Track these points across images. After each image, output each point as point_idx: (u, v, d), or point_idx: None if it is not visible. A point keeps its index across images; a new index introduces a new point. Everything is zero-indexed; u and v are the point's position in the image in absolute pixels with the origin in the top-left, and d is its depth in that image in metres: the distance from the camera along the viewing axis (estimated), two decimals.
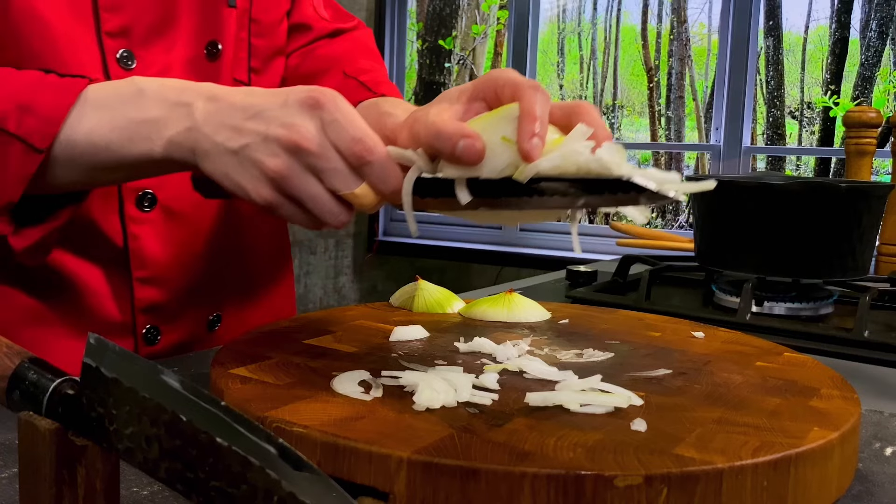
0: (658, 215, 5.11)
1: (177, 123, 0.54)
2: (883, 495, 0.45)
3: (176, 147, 0.54)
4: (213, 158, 0.52)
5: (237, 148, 0.52)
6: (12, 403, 0.36)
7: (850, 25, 4.49)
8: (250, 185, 0.52)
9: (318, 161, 0.50)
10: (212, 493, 0.28)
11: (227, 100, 0.53)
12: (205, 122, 0.53)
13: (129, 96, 0.55)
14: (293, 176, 0.51)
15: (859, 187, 0.91)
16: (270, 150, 0.51)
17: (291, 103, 0.51)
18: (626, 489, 0.37)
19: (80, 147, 0.55)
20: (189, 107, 0.54)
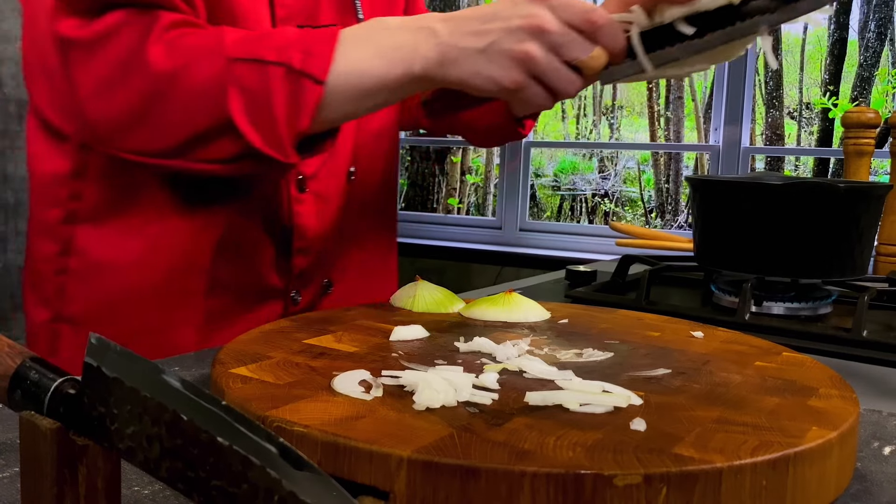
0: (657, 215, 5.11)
1: (425, 43, 0.64)
2: (881, 494, 0.45)
3: (429, 62, 0.64)
4: (463, 62, 0.64)
5: (484, 46, 0.63)
6: (14, 403, 0.36)
7: (849, 27, 4.49)
8: (502, 73, 0.63)
9: (558, 37, 0.62)
10: (213, 493, 0.28)
11: (460, 15, 0.65)
12: (449, 35, 0.64)
13: (377, 30, 0.67)
14: (538, 55, 0.62)
15: (858, 187, 0.91)
16: (516, 38, 0.62)
17: (519, 1, 0.63)
18: (626, 488, 0.37)
19: (350, 76, 0.65)
20: (430, 29, 0.65)
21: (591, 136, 5.20)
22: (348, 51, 0.65)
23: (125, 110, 0.66)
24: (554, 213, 5.30)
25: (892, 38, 4.30)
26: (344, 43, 0.65)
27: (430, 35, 0.65)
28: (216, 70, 0.64)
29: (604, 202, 5.22)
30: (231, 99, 0.64)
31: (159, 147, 0.67)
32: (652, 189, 5.20)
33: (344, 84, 0.65)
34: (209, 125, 0.65)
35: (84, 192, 0.76)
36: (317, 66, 0.64)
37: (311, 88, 0.64)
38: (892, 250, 1.24)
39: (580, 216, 5.28)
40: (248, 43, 0.65)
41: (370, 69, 0.65)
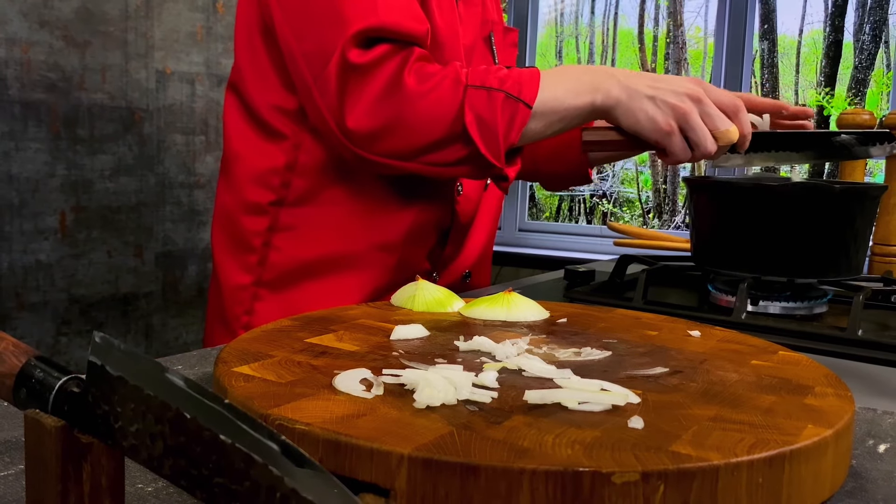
0: (655, 216, 5.11)
1: (608, 82, 0.84)
2: (876, 491, 0.45)
3: (609, 97, 0.84)
4: (634, 100, 0.83)
5: (654, 94, 0.83)
6: (19, 401, 0.36)
7: (844, 29, 4.49)
8: (660, 116, 0.83)
9: (709, 108, 0.84)
10: (215, 490, 0.28)
11: (635, 73, 0.86)
12: (628, 81, 0.84)
13: (568, 72, 0.87)
14: (691, 114, 0.83)
15: (853, 188, 0.91)
16: (679, 98, 0.83)
17: (683, 78, 0.84)
18: (624, 485, 0.37)
19: (549, 103, 0.84)
20: (610, 74, 0.85)
21: None
22: (548, 84, 0.84)
23: (385, 120, 0.84)
24: (553, 214, 5.30)
25: (886, 41, 4.30)
26: (544, 79, 0.84)
27: (612, 78, 0.84)
28: (456, 94, 0.83)
29: (602, 203, 5.22)
30: (467, 114, 0.83)
31: (403, 151, 0.85)
32: (649, 190, 5.20)
33: (544, 109, 0.84)
34: (448, 134, 0.84)
35: (293, 182, 0.95)
36: (528, 94, 0.83)
37: (522, 111, 0.83)
38: (887, 250, 1.24)
39: (578, 217, 5.28)
40: (477, 75, 0.85)
41: (564, 99, 0.84)
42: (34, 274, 1.86)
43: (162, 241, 2.10)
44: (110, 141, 1.98)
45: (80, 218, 1.94)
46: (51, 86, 1.87)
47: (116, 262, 2.02)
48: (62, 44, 1.88)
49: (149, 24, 2.03)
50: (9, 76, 1.80)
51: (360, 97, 0.83)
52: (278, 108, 0.94)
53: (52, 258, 1.89)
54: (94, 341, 0.33)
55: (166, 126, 2.06)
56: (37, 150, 1.85)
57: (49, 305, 1.89)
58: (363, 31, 0.82)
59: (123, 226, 2.02)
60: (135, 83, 2.02)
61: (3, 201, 1.81)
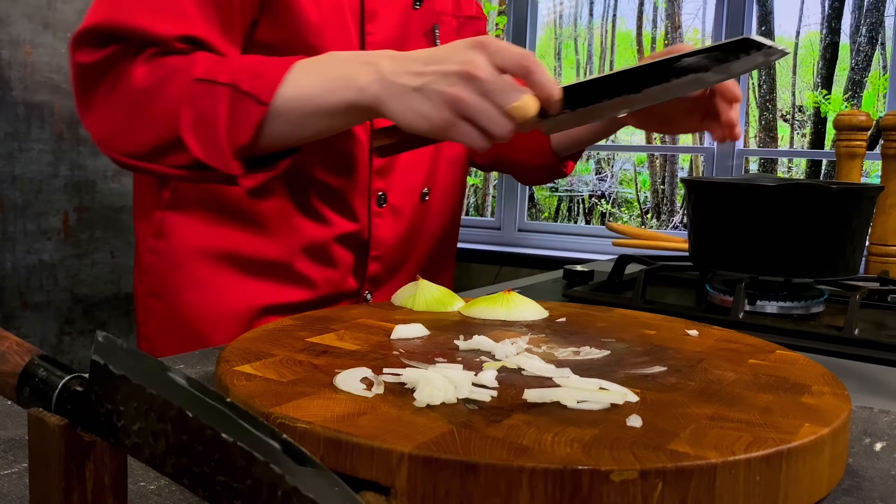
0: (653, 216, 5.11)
1: (366, 75, 0.68)
2: (872, 489, 0.45)
3: (365, 94, 0.68)
4: (398, 98, 0.66)
5: (419, 85, 0.66)
6: (22, 400, 0.36)
7: (841, 31, 4.49)
8: (432, 111, 0.65)
9: (488, 84, 0.64)
10: (217, 488, 0.28)
11: (407, 55, 0.68)
12: (390, 72, 0.67)
13: (327, 61, 0.71)
14: (468, 98, 0.64)
15: (850, 189, 0.91)
16: (449, 81, 0.65)
17: (461, 46, 0.66)
18: (622, 483, 0.37)
19: (292, 101, 0.70)
20: (375, 63, 0.68)
21: None
22: (296, 78, 0.70)
23: (114, 120, 0.75)
24: (552, 214, 5.30)
25: (882, 43, 4.30)
26: (294, 70, 0.71)
27: (372, 69, 0.68)
28: (180, 89, 0.72)
29: (601, 203, 5.22)
30: (183, 115, 0.71)
31: (136, 151, 0.75)
32: (648, 190, 5.20)
33: (286, 107, 0.70)
34: (166, 137, 0.72)
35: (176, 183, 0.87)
36: (263, 88, 0.70)
37: (253, 108, 0.69)
38: (883, 250, 1.24)
39: (577, 217, 5.28)
40: (213, 66, 0.72)
41: (312, 95, 0.70)
42: (37, 274, 1.86)
43: None
44: None
45: (83, 218, 1.94)
46: (54, 87, 1.87)
47: (119, 261, 2.02)
48: (65, 45, 1.88)
49: None
50: (12, 77, 1.80)
51: (92, 97, 0.76)
52: None
53: (55, 258, 1.89)
54: (96, 340, 0.33)
55: None
56: (40, 151, 1.86)
57: (52, 305, 1.89)
58: (90, 29, 0.74)
59: (126, 226, 2.02)
60: None
61: (7, 201, 1.81)
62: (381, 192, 0.91)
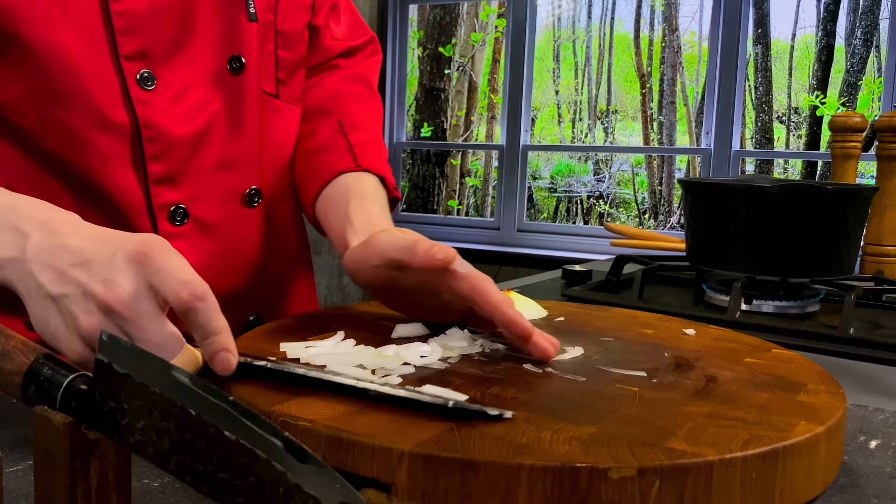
0: (651, 216, 5.11)
1: (6, 249, 0.50)
2: (867, 486, 0.45)
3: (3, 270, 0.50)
4: (34, 298, 0.48)
5: (57, 294, 0.48)
6: (27, 398, 0.36)
7: (836, 33, 4.49)
8: (65, 340, 0.48)
9: (128, 326, 0.46)
10: (220, 485, 0.28)
11: (63, 238, 0.49)
12: (34, 257, 0.49)
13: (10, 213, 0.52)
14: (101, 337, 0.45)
15: (845, 190, 0.91)
16: (86, 306, 0.47)
17: (119, 255, 0.47)
18: (620, 481, 0.37)
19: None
20: (24, 235, 0.50)
21: (587, 139, 5.20)
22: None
23: None
24: (550, 215, 5.30)
25: (877, 45, 4.30)
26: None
27: (16, 244, 0.50)
28: None
29: (599, 204, 5.22)
30: None
31: None
32: (645, 191, 5.20)
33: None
34: None
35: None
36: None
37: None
38: (878, 250, 1.24)
39: (576, 217, 5.28)
40: None
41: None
42: None
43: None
44: None
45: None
46: None
47: None
48: None
49: None
50: None
51: None
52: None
53: None
54: (101, 340, 0.33)
55: None
56: None
57: None
58: None
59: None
60: None
61: None
62: (173, 205, 0.68)
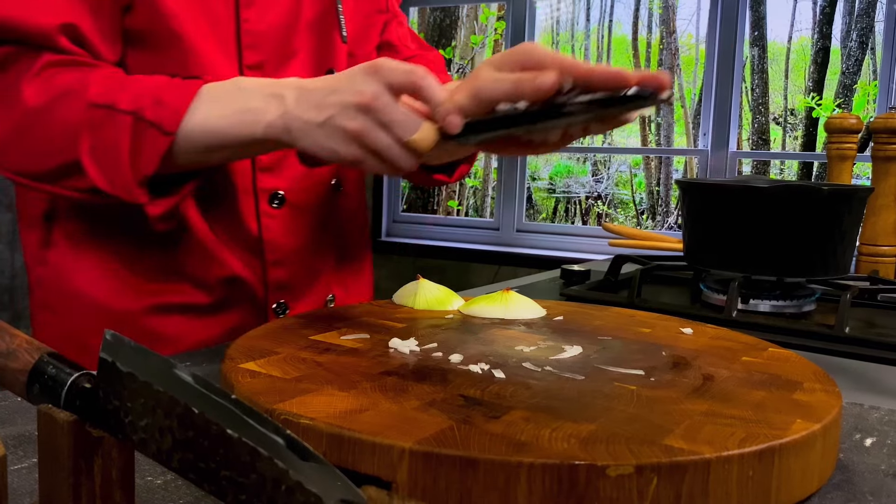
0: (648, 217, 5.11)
1: (273, 110, 0.64)
2: (863, 484, 0.45)
3: (273, 129, 0.64)
4: (306, 134, 0.63)
5: (323, 120, 0.62)
6: (32, 397, 0.36)
7: (832, 36, 4.49)
8: (340, 148, 0.62)
9: (383, 115, 0.60)
10: (222, 482, 0.28)
11: (310, 85, 0.64)
12: (295, 106, 0.63)
13: (232, 91, 0.67)
14: (368, 132, 0.61)
15: (841, 190, 0.91)
16: (349, 115, 0.61)
17: (357, 73, 0.62)
18: (618, 478, 0.37)
19: (197, 132, 0.66)
20: (281, 97, 0.64)
21: (585, 140, 5.21)
22: (201, 107, 0.66)
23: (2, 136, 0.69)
24: (549, 215, 5.30)
25: (873, 48, 4.30)
26: (200, 98, 0.66)
27: (279, 104, 0.64)
28: (75, 113, 0.66)
29: (597, 204, 5.22)
30: (82, 142, 0.66)
31: (31, 172, 0.69)
32: (643, 191, 5.20)
33: (191, 137, 0.66)
34: (63, 162, 0.67)
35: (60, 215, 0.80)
36: (167, 118, 0.65)
37: (157, 138, 0.65)
38: (873, 250, 1.24)
39: (574, 217, 5.28)
40: (110, 89, 0.67)
41: (217, 128, 0.66)
42: None
43: None
44: None
45: None
46: None
47: None
48: None
49: None
50: None
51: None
52: None
53: None
54: (105, 339, 0.33)
55: None
56: None
57: None
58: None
59: None
60: None
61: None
62: (273, 190, 0.80)
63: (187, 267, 0.79)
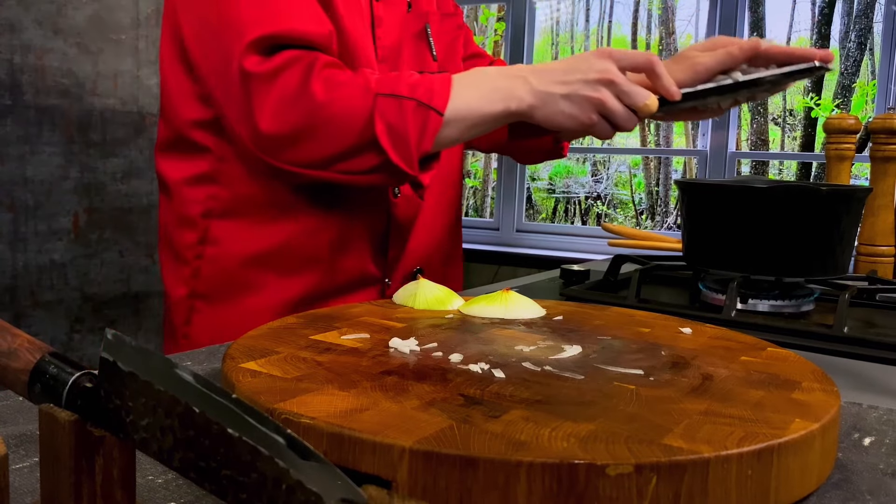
0: (648, 217, 5.11)
1: (520, 87, 0.80)
2: (861, 483, 0.45)
3: (522, 103, 0.80)
4: (549, 104, 0.80)
5: (568, 92, 0.79)
6: (33, 396, 0.36)
7: (831, 37, 4.49)
8: (581, 113, 0.80)
9: (622, 87, 0.79)
10: (223, 482, 0.28)
11: (546, 67, 0.81)
12: (539, 83, 0.80)
13: (481, 77, 0.83)
14: (609, 100, 0.79)
15: (839, 191, 0.91)
16: (592, 87, 0.79)
17: (591, 57, 0.79)
18: (617, 477, 0.37)
19: (461, 111, 0.80)
20: (524, 78, 0.81)
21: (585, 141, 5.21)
22: (460, 91, 0.81)
23: (293, 129, 0.80)
24: (549, 215, 5.30)
25: (871, 48, 4.30)
26: (456, 85, 0.81)
27: (524, 82, 0.80)
28: (364, 101, 0.79)
29: (596, 204, 5.22)
30: (377, 123, 0.79)
31: (314, 159, 0.81)
32: (642, 192, 5.20)
33: (456, 116, 0.80)
34: (358, 142, 0.80)
35: (219, 193, 0.92)
36: (438, 102, 0.80)
37: (434, 118, 0.80)
38: (871, 250, 1.24)
39: (574, 218, 5.28)
40: (387, 82, 0.81)
41: (477, 107, 0.81)
42: (48, 273, 1.86)
43: None
44: (122, 145, 1.98)
45: (92, 219, 1.94)
46: (64, 91, 1.87)
47: (128, 261, 2.02)
48: (75, 51, 1.88)
49: (158, 31, 2.03)
50: (24, 82, 1.80)
51: (265, 106, 0.80)
52: (198, 122, 0.91)
53: (65, 258, 1.89)
54: (106, 338, 0.33)
55: None
56: (51, 154, 1.85)
57: (63, 304, 1.89)
58: (259, 40, 0.80)
59: (135, 226, 2.02)
60: (145, 89, 2.02)
61: (19, 203, 1.81)
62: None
63: (329, 257, 0.92)
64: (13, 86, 1.78)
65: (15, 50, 1.77)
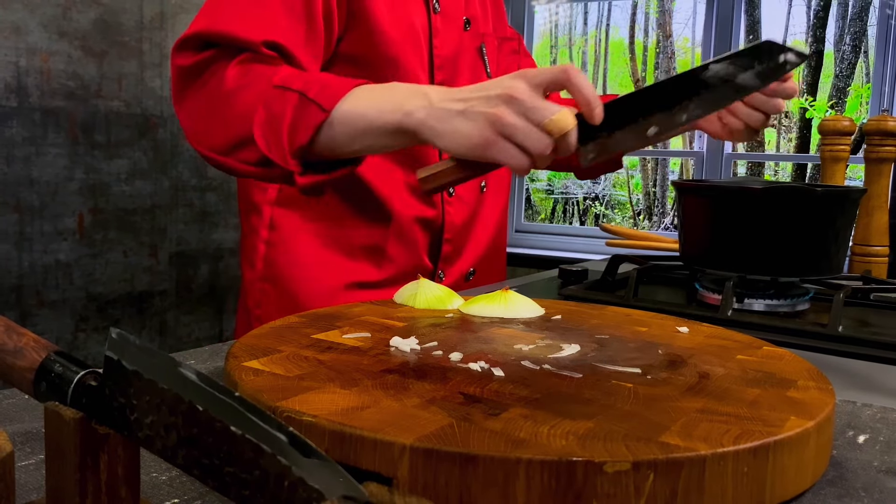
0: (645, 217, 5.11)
1: (416, 102, 0.72)
2: (855, 480, 0.45)
3: (411, 118, 0.71)
4: (442, 121, 0.69)
5: (464, 108, 0.68)
6: (39, 394, 0.36)
7: (825, 39, 4.49)
8: (473, 130, 0.67)
9: (526, 104, 0.65)
10: (226, 479, 0.28)
11: (456, 88, 0.72)
12: (438, 100, 0.70)
13: (386, 88, 0.75)
14: (508, 117, 0.65)
15: (834, 192, 0.91)
16: (489, 103, 0.67)
17: (505, 79, 0.68)
18: (615, 474, 0.37)
19: (349, 115, 0.74)
20: (426, 94, 0.72)
21: None
22: (355, 97, 0.75)
23: (200, 115, 0.81)
24: (548, 216, 5.30)
25: (865, 51, 4.30)
26: (356, 91, 0.75)
27: (422, 98, 0.72)
28: (259, 93, 0.77)
29: (595, 205, 5.22)
30: (257, 115, 0.76)
31: (217, 147, 0.80)
32: (640, 193, 5.20)
33: (342, 119, 0.74)
34: (241, 135, 0.77)
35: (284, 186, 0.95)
36: (326, 99, 0.74)
37: (314, 113, 0.74)
38: (865, 250, 1.24)
39: (572, 218, 5.28)
40: (290, 76, 0.77)
41: (365, 114, 0.74)
42: (54, 273, 1.86)
43: (175, 242, 2.10)
44: (126, 146, 1.98)
45: (97, 219, 1.94)
46: (70, 93, 1.87)
47: (132, 261, 2.02)
48: (80, 53, 1.88)
49: (163, 34, 2.03)
50: (29, 84, 1.80)
51: (185, 96, 0.82)
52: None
53: (70, 258, 1.89)
54: (110, 337, 0.33)
55: (179, 132, 2.06)
56: (56, 155, 1.85)
57: (68, 303, 1.89)
58: (189, 37, 0.82)
59: (139, 227, 2.02)
60: (149, 91, 2.02)
61: (25, 203, 1.81)
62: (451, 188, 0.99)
63: (386, 247, 0.98)
64: (19, 88, 1.78)
65: (21, 52, 1.77)
